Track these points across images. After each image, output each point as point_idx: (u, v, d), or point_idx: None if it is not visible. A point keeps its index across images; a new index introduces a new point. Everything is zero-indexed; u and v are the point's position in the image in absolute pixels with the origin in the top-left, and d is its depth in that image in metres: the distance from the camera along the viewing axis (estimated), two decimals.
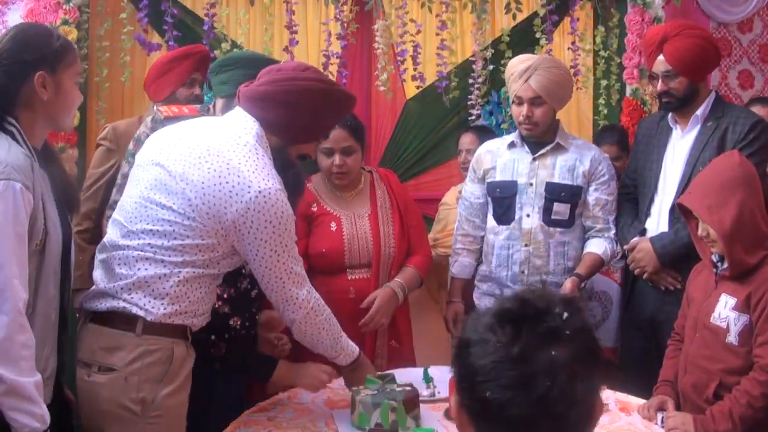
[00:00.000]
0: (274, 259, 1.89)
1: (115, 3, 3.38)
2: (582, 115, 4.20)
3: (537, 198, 2.84)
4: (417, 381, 2.27)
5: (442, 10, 3.59)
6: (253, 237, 1.85)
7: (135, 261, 1.87)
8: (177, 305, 1.87)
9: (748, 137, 2.70)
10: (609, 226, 2.89)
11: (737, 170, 2.17)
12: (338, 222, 2.77)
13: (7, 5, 3.40)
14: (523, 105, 2.80)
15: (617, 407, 2.23)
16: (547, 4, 3.65)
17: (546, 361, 0.99)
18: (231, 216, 1.83)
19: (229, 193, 1.82)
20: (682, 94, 2.78)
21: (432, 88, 3.71)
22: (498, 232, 2.90)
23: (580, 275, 2.79)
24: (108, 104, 3.47)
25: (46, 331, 1.77)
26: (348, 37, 3.52)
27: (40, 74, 1.76)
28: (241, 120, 1.97)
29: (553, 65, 2.83)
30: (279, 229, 1.86)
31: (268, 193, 1.83)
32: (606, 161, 2.91)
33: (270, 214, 1.84)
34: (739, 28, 4.38)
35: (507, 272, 2.88)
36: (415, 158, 3.87)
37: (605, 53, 3.81)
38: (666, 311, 2.77)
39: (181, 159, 1.88)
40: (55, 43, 1.80)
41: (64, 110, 1.84)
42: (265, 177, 1.85)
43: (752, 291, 2.10)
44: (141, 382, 1.83)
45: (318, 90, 1.98)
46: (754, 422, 2.02)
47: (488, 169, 2.95)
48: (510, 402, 0.99)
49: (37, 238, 1.71)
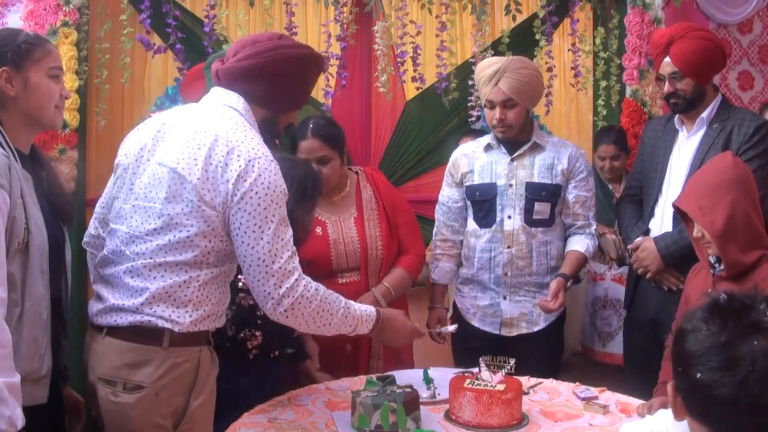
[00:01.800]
0: (258, 234, 1.77)
1: (115, 4, 3.37)
2: (582, 116, 4.21)
3: (518, 199, 2.85)
4: (417, 382, 2.27)
5: (442, 12, 3.59)
6: (242, 209, 1.76)
7: (148, 270, 1.79)
8: (201, 310, 1.82)
9: (753, 139, 2.70)
10: (589, 222, 2.92)
11: (730, 171, 2.17)
12: (323, 226, 2.77)
13: (6, 7, 3.40)
14: (495, 108, 2.81)
15: (617, 408, 2.23)
16: (547, 5, 3.65)
17: (749, 348, 1.17)
18: (224, 188, 1.77)
19: (221, 164, 1.77)
20: (690, 96, 2.79)
21: (432, 89, 3.71)
22: (479, 235, 2.91)
23: (565, 275, 2.81)
24: (108, 106, 3.46)
25: (37, 330, 1.73)
26: (348, 38, 3.52)
27: (3, 70, 1.81)
28: (223, 98, 1.93)
29: (522, 66, 2.82)
30: (266, 201, 1.77)
31: (258, 161, 1.78)
32: (583, 158, 2.93)
33: (259, 185, 1.77)
34: (739, 29, 4.39)
35: (489, 275, 2.90)
36: (415, 159, 3.87)
37: (605, 54, 3.82)
38: (669, 312, 2.76)
39: (173, 150, 1.82)
40: (18, 40, 1.84)
41: (37, 105, 1.86)
42: (255, 146, 1.81)
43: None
44: (171, 396, 1.78)
45: (299, 56, 1.96)
46: None
47: (466, 173, 2.95)
48: (717, 383, 1.18)
49: (19, 237, 1.69)
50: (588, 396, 2.29)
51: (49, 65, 1.88)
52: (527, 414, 2.14)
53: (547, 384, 2.45)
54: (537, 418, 2.15)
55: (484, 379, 2.14)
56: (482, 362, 2.18)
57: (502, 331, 2.90)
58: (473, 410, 2.06)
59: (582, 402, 2.26)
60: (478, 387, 2.09)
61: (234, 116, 1.88)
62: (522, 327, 2.89)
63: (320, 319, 1.89)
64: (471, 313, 2.96)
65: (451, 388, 2.15)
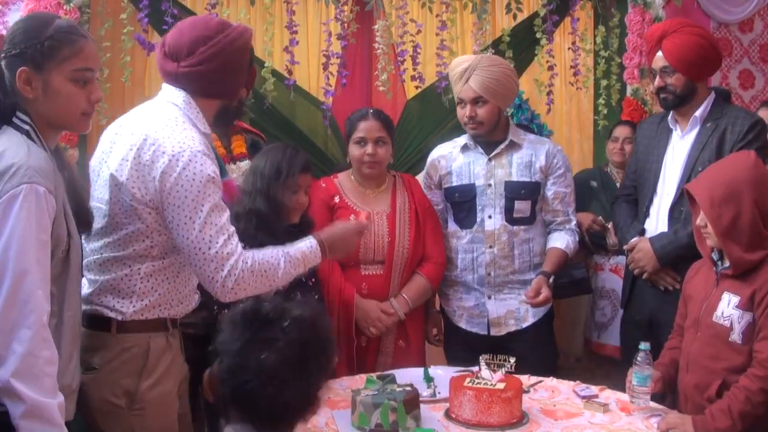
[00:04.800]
0: (190, 225, 1.84)
1: (115, 3, 3.38)
2: (582, 115, 4.22)
3: (497, 198, 2.85)
4: (417, 381, 2.27)
5: (443, 10, 3.59)
6: (171, 203, 1.84)
7: (98, 266, 1.93)
8: (147, 300, 1.92)
9: (747, 137, 2.70)
10: (569, 218, 2.93)
11: (749, 171, 2.16)
12: (357, 216, 2.80)
13: (7, 5, 3.40)
14: (466, 106, 2.82)
15: (617, 407, 2.23)
16: (548, 4, 3.65)
17: (255, 360, 1.37)
18: (152, 185, 1.85)
19: (148, 163, 1.85)
20: (680, 92, 2.79)
21: (432, 88, 3.70)
22: (460, 236, 2.91)
23: (546, 272, 2.81)
24: (109, 104, 3.46)
25: (73, 344, 1.74)
26: (348, 37, 3.52)
27: (21, 70, 1.63)
28: (168, 95, 2.00)
29: (492, 63, 2.83)
30: (193, 192, 1.84)
31: (183, 155, 1.84)
32: (560, 154, 2.94)
33: (184, 178, 1.83)
34: (740, 28, 4.39)
35: (473, 275, 2.90)
36: (415, 158, 3.86)
37: (606, 53, 3.82)
38: (665, 311, 2.77)
39: (117, 153, 1.92)
40: (44, 35, 1.64)
41: (57, 112, 1.69)
42: (182, 141, 1.86)
43: (756, 289, 2.10)
44: (121, 378, 1.88)
45: (245, 42, 2.04)
46: (754, 418, 2.02)
47: (444, 175, 2.96)
48: (225, 382, 1.44)
49: (63, 245, 1.66)
50: (588, 394, 2.29)
51: (76, 66, 1.67)
52: (527, 412, 2.15)
53: (547, 382, 2.45)
54: (537, 416, 2.15)
55: (484, 377, 2.14)
56: (482, 361, 2.19)
57: (491, 332, 2.89)
58: (473, 409, 2.06)
59: (582, 400, 2.26)
60: (478, 385, 2.09)
61: (172, 113, 1.95)
62: (510, 325, 2.88)
63: (266, 280, 1.96)
64: (458, 315, 2.96)
65: (451, 387, 2.15)
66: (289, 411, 1.39)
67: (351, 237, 2.24)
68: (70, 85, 1.68)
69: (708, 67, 2.86)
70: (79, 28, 1.75)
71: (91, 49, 1.72)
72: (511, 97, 2.92)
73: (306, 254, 2.07)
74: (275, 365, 1.34)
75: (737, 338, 2.12)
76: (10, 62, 1.65)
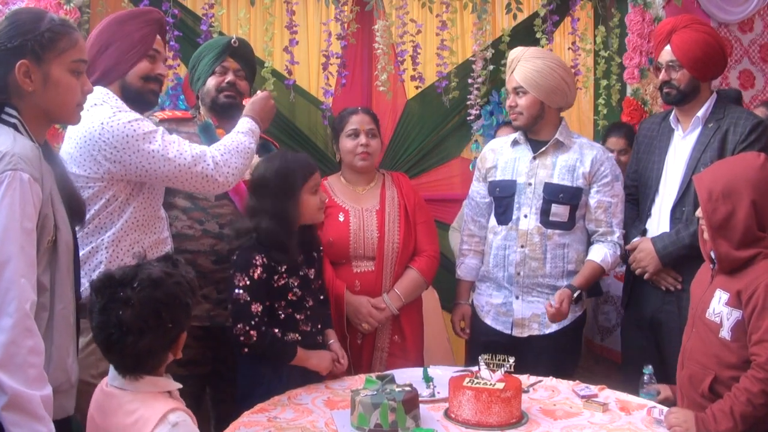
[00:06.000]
0: (155, 156, 2.09)
1: (115, 3, 3.37)
2: (582, 115, 4.21)
3: (535, 198, 2.80)
4: (416, 381, 2.27)
5: (443, 10, 3.59)
6: (126, 154, 2.07)
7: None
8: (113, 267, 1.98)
9: (749, 138, 2.70)
10: (612, 229, 2.82)
11: (755, 172, 2.15)
12: (346, 214, 2.84)
13: (7, 5, 3.40)
14: (509, 96, 2.86)
15: (617, 407, 2.23)
16: (548, 4, 3.65)
17: (116, 317, 1.56)
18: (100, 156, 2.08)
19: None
20: (683, 88, 2.79)
21: (432, 88, 3.71)
22: (497, 231, 2.88)
23: (572, 286, 2.73)
24: None
25: (67, 337, 1.72)
26: (348, 37, 3.52)
27: (21, 63, 1.62)
28: None
29: (536, 56, 2.82)
30: (134, 134, 2.07)
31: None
32: (609, 161, 2.85)
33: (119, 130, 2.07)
34: (740, 27, 4.38)
35: (503, 273, 2.86)
36: (416, 158, 3.87)
37: (606, 53, 3.81)
38: (666, 311, 2.78)
39: None
40: (41, 28, 1.65)
41: (56, 103, 1.70)
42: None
43: (743, 288, 2.10)
44: (97, 361, 1.95)
45: (112, 20, 2.24)
46: (755, 419, 2.02)
47: (490, 168, 2.93)
48: (95, 336, 1.63)
49: (49, 234, 1.63)
50: (587, 394, 2.29)
51: (73, 58, 1.69)
52: (527, 412, 2.14)
53: (546, 382, 2.45)
54: (536, 416, 2.15)
55: (484, 377, 2.14)
56: (481, 361, 2.19)
57: (513, 332, 2.84)
58: (473, 409, 2.06)
59: (582, 400, 2.26)
60: (477, 385, 2.09)
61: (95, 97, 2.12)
62: (533, 328, 2.82)
63: (242, 152, 2.30)
64: (485, 311, 2.93)
65: (450, 387, 2.15)
66: (151, 353, 1.60)
67: (266, 102, 2.50)
68: (69, 75, 1.70)
69: (713, 67, 2.85)
70: (70, 21, 1.85)
71: (83, 41, 1.77)
72: (558, 93, 2.80)
73: (250, 128, 2.37)
74: (131, 319, 1.55)
75: (726, 335, 2.12)
76: (2, 58, 1.63)
